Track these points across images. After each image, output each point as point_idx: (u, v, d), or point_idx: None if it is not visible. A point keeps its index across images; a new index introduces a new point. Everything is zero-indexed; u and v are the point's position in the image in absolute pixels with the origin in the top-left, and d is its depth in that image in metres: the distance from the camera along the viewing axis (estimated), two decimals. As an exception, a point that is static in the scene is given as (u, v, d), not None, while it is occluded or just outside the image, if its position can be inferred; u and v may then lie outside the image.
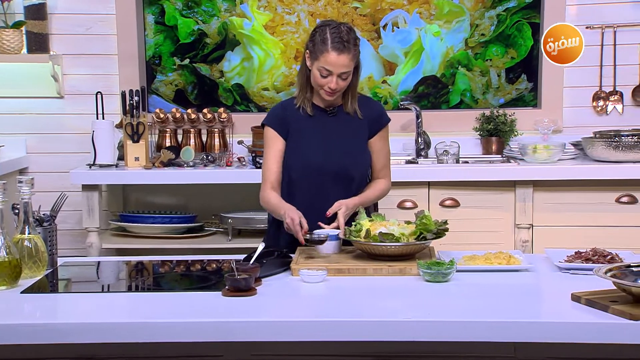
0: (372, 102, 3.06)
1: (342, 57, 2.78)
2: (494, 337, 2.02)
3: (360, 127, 2.95)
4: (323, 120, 2.92)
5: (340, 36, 2.79)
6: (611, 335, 1.99)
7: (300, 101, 2.92)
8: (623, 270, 2.19)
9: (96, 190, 3.94)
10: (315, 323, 2.06)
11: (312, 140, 2.90)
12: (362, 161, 2.95)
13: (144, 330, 2.06)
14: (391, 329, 2.04)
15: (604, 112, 4.27)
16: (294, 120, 2.92)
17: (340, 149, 2.90)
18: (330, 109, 2.93)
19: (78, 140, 4.30)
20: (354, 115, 2.94)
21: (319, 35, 2.81)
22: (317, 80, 2.82)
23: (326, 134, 2.91)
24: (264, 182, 2.93)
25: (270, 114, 2.98)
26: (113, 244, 3.99)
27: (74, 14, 4.31)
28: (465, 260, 2.56)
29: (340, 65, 2.78)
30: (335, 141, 2.90)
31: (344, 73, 2.80)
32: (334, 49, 2.77)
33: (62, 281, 2.56)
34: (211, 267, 2.71)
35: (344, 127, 2.93)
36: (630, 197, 3.80)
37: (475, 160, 4.16)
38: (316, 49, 2.80)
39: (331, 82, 2.80)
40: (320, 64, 2.79)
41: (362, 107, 2.95)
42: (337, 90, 2.84)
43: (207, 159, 4.01)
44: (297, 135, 2.91)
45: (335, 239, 2.66)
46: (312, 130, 2.91)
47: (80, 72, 4.35)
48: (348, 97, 2.92)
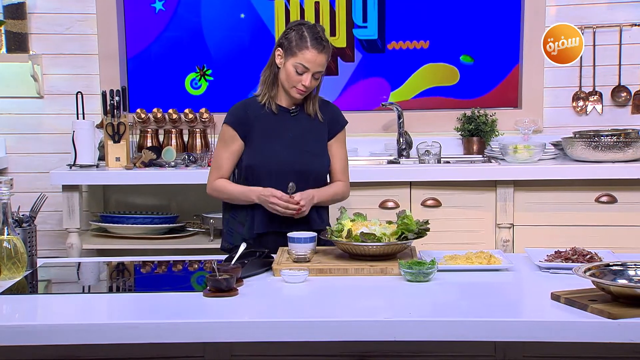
0: (331, 106, 3.06)
1: (321, 56, 2.81)
2: (475, 336, 2.03)
3: (321, 128, 2.96)
4: (285, 120, 2.92)
5: (320, 35, 2.83)
6: (590, 334, 2.00)
7: (266, 99, 2.91)
8: (602, 269, 2.20)
9: (76, 191, 3.92)
10: (297, 323, 2.06)
11: (274, 139, 2.90)
12: (323, 161, 2.96)
13: (124, 331, 2.05)
14: (372, 329, 2.04)
15: (584, 113, 4.30)
16: (257, 119, 2.90)
17: (302, 149, 2.90)
18: (293, 109, 2.94)
19: (58, 140, 4.27)
20: (315, 117, 2.95)
21: (296, 33, 2.82)
22: (291, 77, 2.83)
23: (288, 133, 2.91)
24: (213, 173, 2.94)
25: (233, 113, 2.95)
26: (94, 245, 3.97)
27: (54, 13, 4.29)
28: (446, 260, 2.57)
29: (317, 64, 2.81)
30: (297, 141, 2.91)
31: (317, 72, 2.83)
32: (314, 47, 2.80)
33: (42, 282, 2.54)
34: (193, 268, 2.70)
35: (305, 127, 2.93)
36: (609, 196, 3.83)
37: (456, 160, 4.17)
38: (293, 45, 2.81)
39: (306, 79, 2.81)
40: (298, 61, 2.80)
41: (321, 110, 2.97)
42: (308, 89, 2.85)
43: (188, 159, 4.00)
44: (259, 134, 2.90)
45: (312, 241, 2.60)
46: (274, 129, 2.90)
47: (60, 72, 4.32)
48: (310, 99, 2.93)
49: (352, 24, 4.39)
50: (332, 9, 4.38)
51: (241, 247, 2.52)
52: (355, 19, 4.39)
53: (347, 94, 4.43)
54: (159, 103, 4.35)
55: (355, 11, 4.38)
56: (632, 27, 4.22)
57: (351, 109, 4.38)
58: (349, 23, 4.39)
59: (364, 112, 4.41)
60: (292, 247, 2.58)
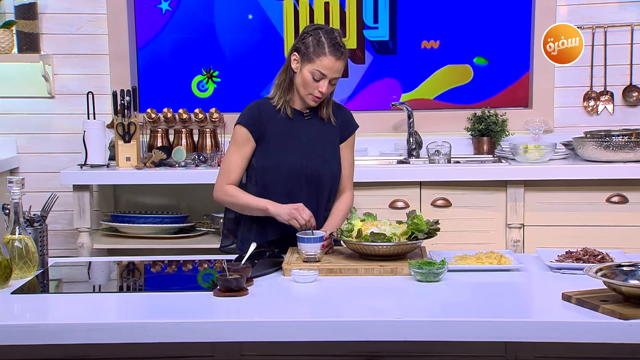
0: (343, 109, 3.03)
1: (339, 63, 2.78)
2: (485, 336, 2.02)
3: (334, 133, 2.94)
4: (300, 124, 2.89)
5: (337, 41, 2.79)
6: (601, 335, 1.99)
7: (281, 104, 2.87)
8: (613, 269, 2.19)
9: (87, 191, 3.93)
10: (307, 323, 2.06)
11: (287, 144, 2.87)
12: (336, 166, 2.93)
13: (135, 331, 2.05)
14: (382, 329, 2.04)
15: (595, 112, 4.28)
16: (271, 122, 2.87)
17: (315, 153, 2.88)
18: (307, 112, 2.91)
19: (69, 140, 4.29)
20: (328, 121, 2.92)
21: (313, 38, 2.78)
22: (307, 83, 2.80)
23: (302, 137, 2.88)
24: (223, 177, 2.88)
25: (247, 114, 2.89)
26: (104, 244, 3.98)
27: (65, 13, 4.30)
28: (456, 260, 2.56)
29: (335, 70, 2.78)
30: (310, 146, 2.88)
31: (334, 78, 2.80)
32: (331, 53, 2.76)
33: (52, 282, 2.55)
34: (203, 268, 2.71)
35: (318, 132, 2.91)
36: (620, 196, 3.82)
37: (466, 160, 4.16)
38: (311, 52, 2.77)
39: (322, 86, 2.78)
40: (315, 67, 2.77)
41: (334, 114, 2.95)
42: (324, 96, 2.83)
43: (198, 159, 4.01)
44: (273, 138, 2.87)
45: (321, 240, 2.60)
46: (288, 134, 2.87)
47: (71, 72, 4.34)
48: (324, 103, 2.90)
49: (363, 25, 4.38)
50: (343, 10, 4.36)
51: (251, 247, 2.52)
52: (366, 19, 4.38)
53: (357, 97, 4.41)
54: (169, 103, 4.36)
55: (366, 12, 4.37)
56: (643, 27, 4.20)
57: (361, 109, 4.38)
58: (359, 24, 4.38)
59: (374, 112, 4.40)
60: (302, 247, 2.58)
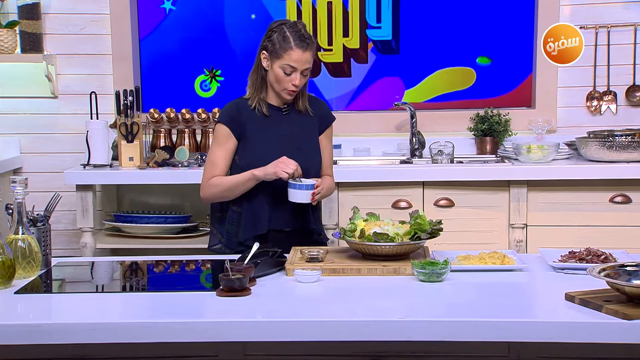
0: (319, 101, 3.08)
1: (306, 54, 2.82)
2: (488, 336, 2.02)
3: (313, 125, 2.98)
4: (278, 120, 2.93)
5: (302, 33, 2.83)
6: (605, 335, 1.99)
7: (255, 102, 2.90)
8: (617, 269, 2.19)
9: (90, 191, 3.93)
10: (310, 323, 2.06)
11: (268, 140, 2.90)
12: (317, 159, 2.98)
13: (138, 331, 2.05)
14: (385, 329, 2.04)
15: (598, 112, 4.28)
16: (250, 120, 2.90)
17: (297, 148, 2.90)
18: (285, 107, 2.94)
19: (72, 140, 4.29)
20: (305, 113, 2.96)
21: (278, 34, 2.83)
22: (280, 79, 2.83)
23: (282, 133, 2.91)
24: (207, 173, 2.91)
25: (226, 112, 2.93)
26: (107, 244, 3.98)
27: (68, 13, 4.31)
28: (459, 260, 2.56)
29: (304, 62, 2.82)
30: (291, 140, 2.91)
31: (306, 69, 2.85)
32: (297, 46, 2.81)
33: (56, 281, 2.55)
34: (205, 267, 2.71)
35: (298, 126, 2.95)
36: (623, 196, 3.81)
37: (469, 160, 4.16)
38: (278, 48, 2.81)
39: (295, 79, 2.82)
40: (284, 62, 2.81)
41: (311, 106, 2.99)
42: (298, 88, 2.86)
43: (201, 159, 4.01)
44: (253, 135, 2.90)
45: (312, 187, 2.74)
46: (268, 130, 2.90)
47: (74, 72, 4.34)
48: (299, 95, 2.94)
49: (366, 25, 4.38)
50: (345, 10, 4.37)
51: (254, 247, 2.52)
52: (369, 19, 4.38)
53: (361, 97, 4.41)
54: (172, 103, 4.37)
55: (369, 11, 4.37)
56: (647, 27, 4.20)
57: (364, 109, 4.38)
58: (362, 23, 4.38)
59: (377, 112, 4.40)
60: (294, 194, 2.71)
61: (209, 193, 2.92)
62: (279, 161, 2.78)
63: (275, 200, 2.87)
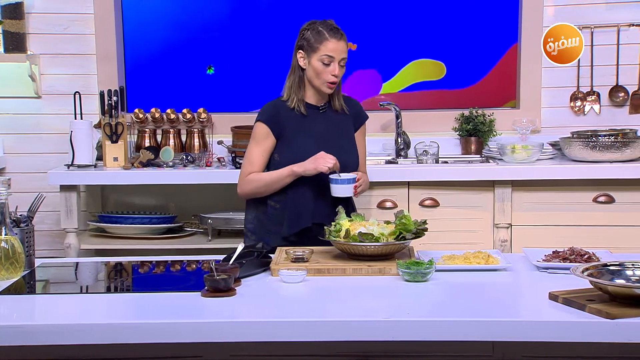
0: (352, 100, 3.15)
1: (341, 43, 2.93)
2: (473, 336, 2.03)
3: (348, 123, 3.06)
4: (315, 118, 3.00)
5: (334, 26, 2.95)
6: (588, 334, 2.00)
7: (294, 102, 2.97)
8: (600, 269, 2.20)
9: (74, 191, 3.91)
10: (295, 323, 2.06)
11: (306, 137, 2.96)
12: (355, 155, 3.05)
13: (122, 332, 2.05)
14: (370, 329, 2.04)
15: (582, 113, 4.30)
16: (288, 119, 2.97)
17: (335, 146, 2.96)
18: (322, 105, 3.01)
19: (56, 140, 4.26)
20: (342, 111, 3.04)
21: (312, 30, 2.93)
22: (320, 72, 2.91)
23: (320, 132, 2.98)
24: (245, 170, 2.97)
25: (265, 112, 3.00)
26: (92, 245, 3.96)
27: (52, 13, 4.28)
28: (444, 260, 2.57)
29: (340, 51, 2.92)
30: (329, 138, 2.98)
31: (342, 59, 2.93)
32: (332, 36, 2.91)
33: (39, 282, 2.54)
34: (191, 268, 2.70)
35: (335, 124, 3.02)
36: (607, 196, 3.84)
37: (454, 160, 4.17)
38: (313, 42, 2.91)
39: (334, 69, 2.91)
40: (322, 53, 2.90)
41: (345, 104, 3.07)
42: (338, 79, 2.93)
43: (186, 159, 4.00)
44: (292, 133, 2.96)
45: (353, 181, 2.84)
46: (306, 128, 2.97)
47: (58, 72, 4.32)
48: (335, 94, 3.02)
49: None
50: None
51: (239, 248, 2.52)
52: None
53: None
54: (157, 103, 4.34)
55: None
56: (629, 27, 4.22)
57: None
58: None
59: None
60: (336, 188, 2.82)
61: (246, 189, 2.98)
62: (318, 156, 2.85)
63: (316, 194, 2.93)
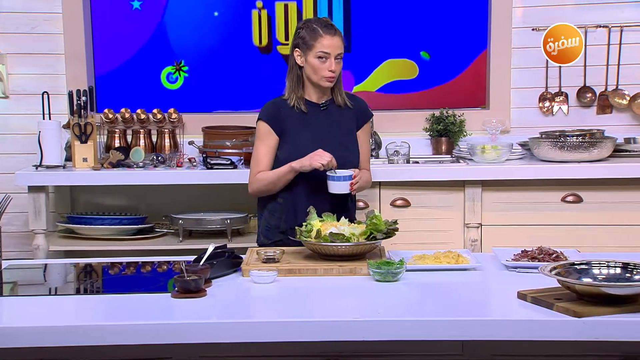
0: (357, 97, 3.18)
1: (336, 39, 2.95)
2: (442, 335, 2.04)
3: (351, 119, 3.08)
4: (317, 116, 3.02)
5: (327, 22, 2.99)
6: (556, 333, 2.02)
7: (294, 100, 3.00)
8: (567, 268, 2.23)
9: (43, 192, 3.87)
10: (266, 324, 2.06)
11: (307, 134, 2.98)
12: (355, 152, 3.06)
13: (92, 333, 2.03)
14: (341, 329, 2.05)
15: (550, 113, 4.35)
16: (289, 117, 2.99)
17: (336, 143, 2.99)
18: (322, 102, 3.03)
19: (24, 141, 4.22)
20: (344, 107, 3.06)
21: (306, 29, 2.97)
22: (316, 68, 2.94)
23: (321, 128, 3.01)
24: (253, 169, 3.02)
25: (266, 111, 3.03)
26: (61, 246, 3.93)
27: (19, 12, 4.24)
28: (415, 260, 2.58)
29: (336, 47, 2.95)
30: (330, 135, 3.00)
31: (338, 55, 2.95)
32: (326, 32, 2.95)
33: (7, 284, 2.51)
34: (162, 269, 2.69)
35: (335, 120, 3.04)
36: (575, 196, 3.88)
37: (425, 160, 4.20)
38: (307, 40, 2.95)
39: (331, 64, 2.93)
40: (317, 50, 2.93)
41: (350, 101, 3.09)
42: (335, 74, 2.96)
43: (157, 160, 3.98)
44: (293, 131, 2.99)
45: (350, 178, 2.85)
46: (307, 126, 3.00)
47: (25, 72, 4.27)
48: (336, 88, 3.05)
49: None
50: (299, 11, 4.39)
51: (210, 248, 2.51)
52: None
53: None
54: (128, 103, 4.32)
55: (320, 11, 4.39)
56: (596, 29, 4.27)
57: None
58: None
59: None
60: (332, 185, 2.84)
61: (255, 188, 3.02)
62: (314, 153, 2.88)
63: (312, 191, 2.95)
